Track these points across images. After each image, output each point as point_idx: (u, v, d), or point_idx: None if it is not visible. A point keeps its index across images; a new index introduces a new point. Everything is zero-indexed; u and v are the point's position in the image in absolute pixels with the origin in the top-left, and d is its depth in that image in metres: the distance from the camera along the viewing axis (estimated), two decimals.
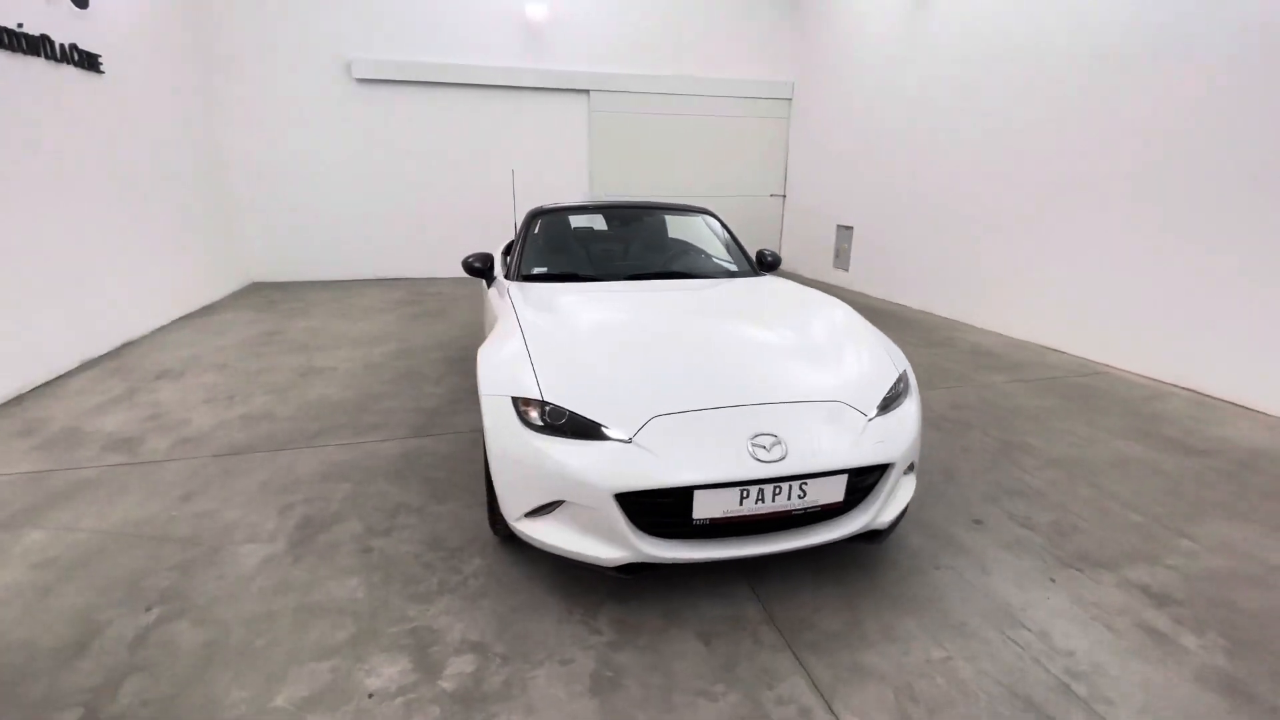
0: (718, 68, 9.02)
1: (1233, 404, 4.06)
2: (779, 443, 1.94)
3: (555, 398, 2.04)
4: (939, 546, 2.47)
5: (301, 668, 1.83)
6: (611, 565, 1.96)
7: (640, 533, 1.93)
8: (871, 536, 2.16)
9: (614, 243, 3.75)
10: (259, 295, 7.45)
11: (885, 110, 7.26)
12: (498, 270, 3.54)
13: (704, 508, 1.91)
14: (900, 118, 7.03)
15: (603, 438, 1.95)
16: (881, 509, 2.13)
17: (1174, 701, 1.74)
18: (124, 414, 3.74)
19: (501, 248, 4.62)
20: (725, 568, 2.29)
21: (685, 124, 9.11)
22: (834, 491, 2.01)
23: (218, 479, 2.96)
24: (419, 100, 8.22)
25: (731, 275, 3.44)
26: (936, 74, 6.47)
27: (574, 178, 8.96)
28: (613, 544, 1.94)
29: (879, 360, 2.41)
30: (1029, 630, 2.01)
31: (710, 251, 3.63)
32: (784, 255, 7.77)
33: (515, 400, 2.09)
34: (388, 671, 1.82)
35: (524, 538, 2.09)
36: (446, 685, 1.78)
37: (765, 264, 3.62)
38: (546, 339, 2.34)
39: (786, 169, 9.65)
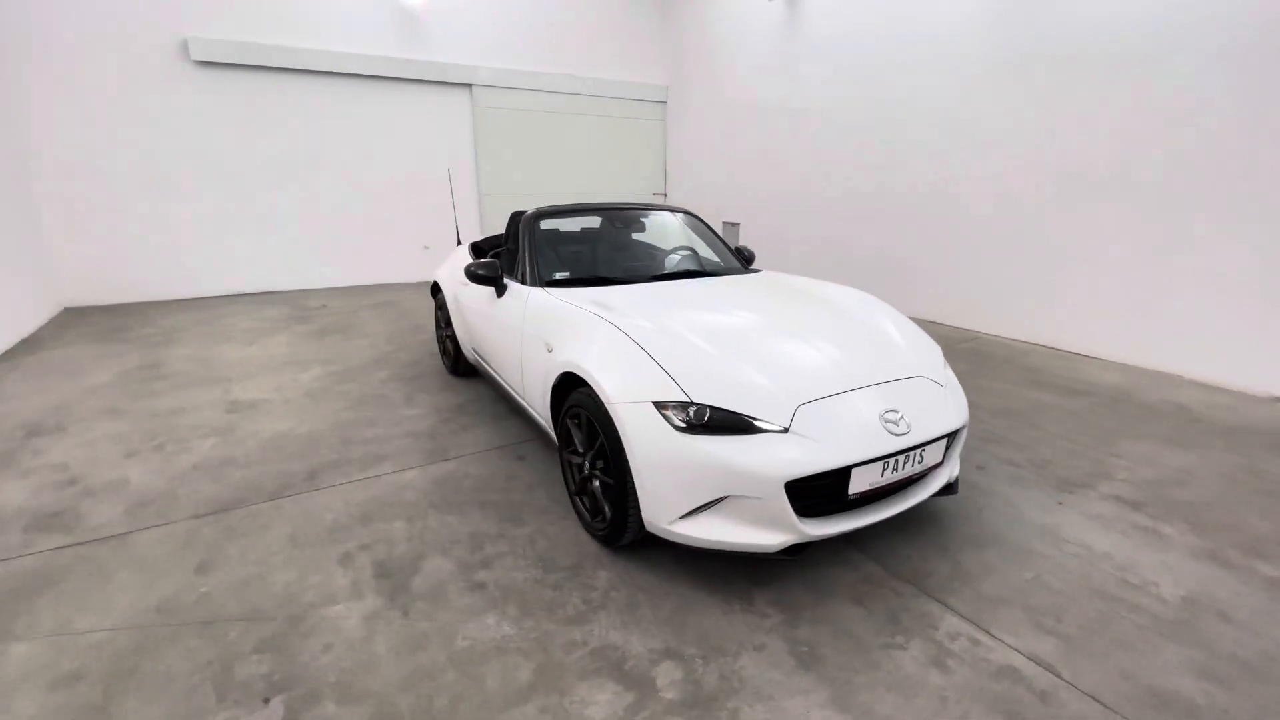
0: (598, 68, 9.15)
1: (1079, 354, 5.23)
2: (903, 417, 2.20)
3: (700, 397, 2.09)
4: (966, 491, 2.93)
5: (510, 717, 1.69)
6: (776, 549, 2.07)
7: (798, 515, 2.07)
8: (948, 489, 2.52)
9: (619, 245, 3.74)
10: (87, 324, 6.05)
11: (763, 113, 7.96)
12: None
13: (857, 484, 2.10)
14: (779, 120, 7.76)
15: (757, 430, 2.04)
16: (953, 465, 2.50)
17: (1189, 574, 2.31)
18: (20, 485, 2.91)
19: (454, 259, 4.36)
20: (830, 540, 2.50)
21: (570, 124, 9.11)
22: (936, 454, 2.32)
23: (226, 541, 2.48)
24: (276, 89, 7.23)
25: (734, 271, 3.63)
26: (810, 78, 7.26)
27: (460, 178, 8.51)
28: (775, 529, 2.05)
29: (920, 334, 2.78)
30: (1073, 543, 2.51)
31: (709, 249, 3.78)
32: None
33: (657, 404, 2.09)
34: (601, 698, 1.76)
35: (679, 539, 2.11)
36: (669, 695, 1.77)
37: (745, 259, 3.87)
38: (658, 340, 2.33)
39: (666, 170, 10.10)
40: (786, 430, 2.05)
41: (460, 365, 4.37)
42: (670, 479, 2.06)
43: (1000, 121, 5.51)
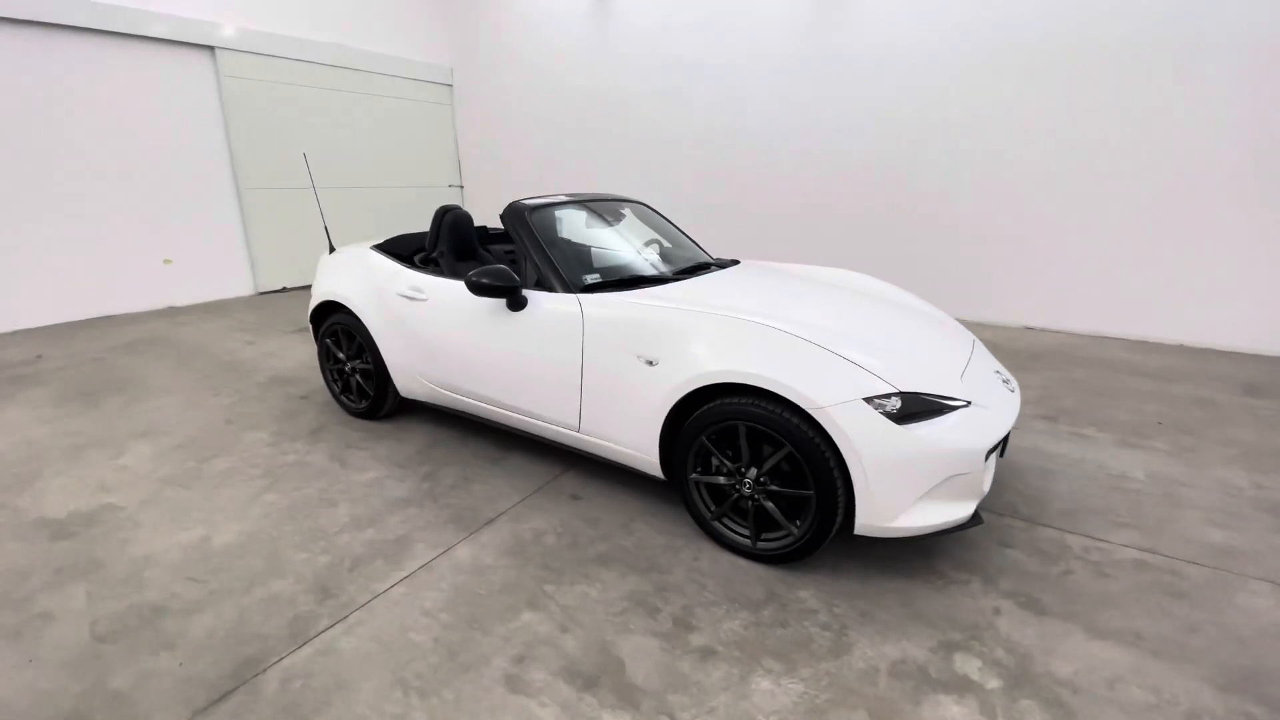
0: (376, 40, 7.83)
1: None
2: (1007, 378, 2.49)
3: (900, 385, 2.06)
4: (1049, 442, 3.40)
5: None
6: (968, 519, 2.16)
7: None
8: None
9: (624, 243, 3.30)
10: None
11: (575, 104, 7.83)
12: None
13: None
14: (594, 111, 7.73)
15: (951, 408, 2.10)
16: None
17: (1205, 479, 3.00)
18: None
19: (358, 270, 3.40)
20: None
21: (346, 104, 7.66)
22: None
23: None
24: None
25: (721, 265, 3.53)
26: (625, 69, 7.38)
27: (210, 168, 6.50)
28: (968, 499, 2.14)
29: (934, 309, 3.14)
30: (1139, 479, 3.02)
31: (687, 240, 3.60)
32: None
33: (867, 400, 2.00)
34: (955, 712, 1.65)
35: (894, 534, 2.05)
36: (993, 684, 1.75)
37: None
38: (819, 335, 2.19)
39: (459, 159, 9.22)
40: (970, 403, 2.15)
41: (388, 404, 3.44)
42: (898, 474, 2.00)
43: (814, 115, 6.38)
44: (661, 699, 1.70)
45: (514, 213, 2.89)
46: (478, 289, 2.64)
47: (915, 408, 2.04)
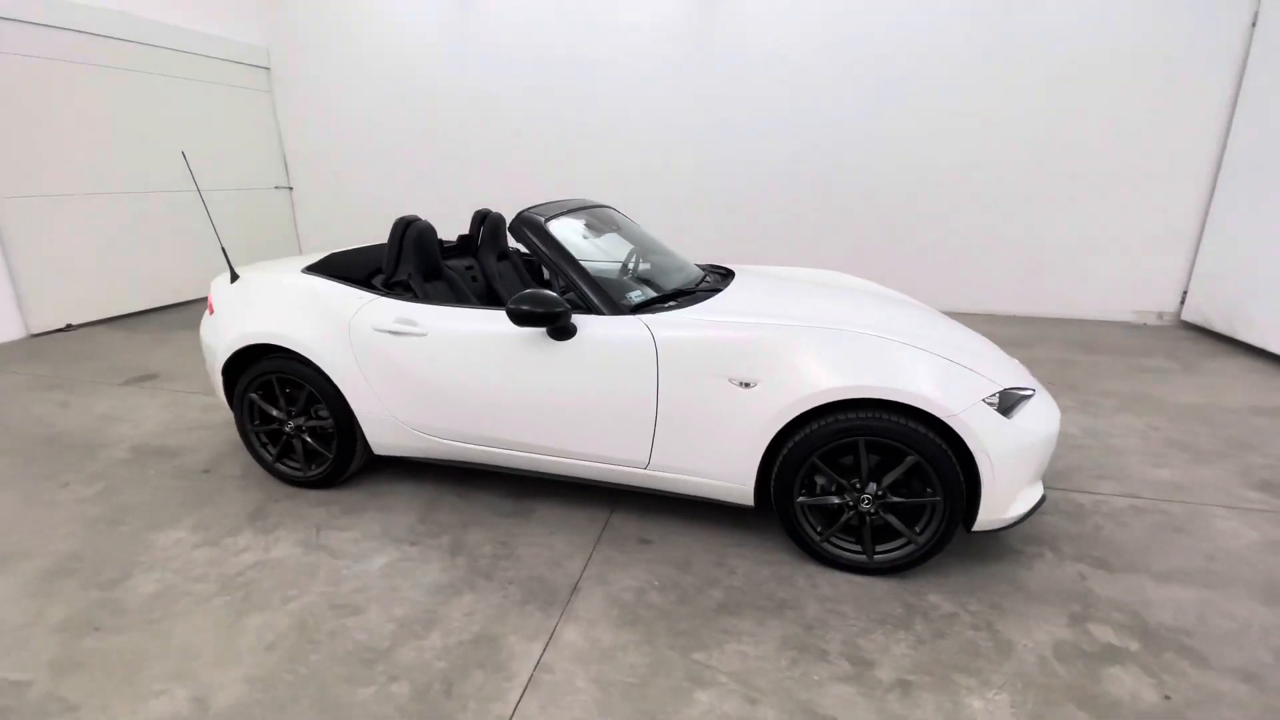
0: (167, 10, 6.21)
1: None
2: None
3: (1001, 383, 2.16)
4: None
5: None
6: (1043, 498, 2.35)
7: None
8: None
9: (649, 252, 2.95)
10: None
11: (444, 101, 7.06)
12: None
13: None
14: (462, 111, 7.04)
15: (1027, 397, 2.26)
16: None
17: (1119, 427, 3.68)
18: None
19: (303, 301, 2.70)
20: None
21: (135, 86, 5.99)
22: None
23: None
24: None
25: (717, 270, 3.39)
26: (492, 72, 6.83)
27: None
28: (1039, 480, 2.34)
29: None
30: (1078, 435, 3.45)
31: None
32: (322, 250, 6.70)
33: (985, 401, 2.07)
34: (1126, 678, 1.78)
35: (1009, 525, 2.16)
36: (1134, 645, 1.92)
37: None
38: (920, 339, 2.22)
39: (285, 156, 7.78)
40: (1034, 391, 2.34)
41: (354, 464, 2.77)
42: (1015, 467, 2.09)
43: (681, 119, 6.48)
44: None
45: (533, 225, 2.48)
46: (521, 318, 2.22)
47: (1009, 402, 2.16)
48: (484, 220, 3.54)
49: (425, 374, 2.50)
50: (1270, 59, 4.87)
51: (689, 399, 2.24)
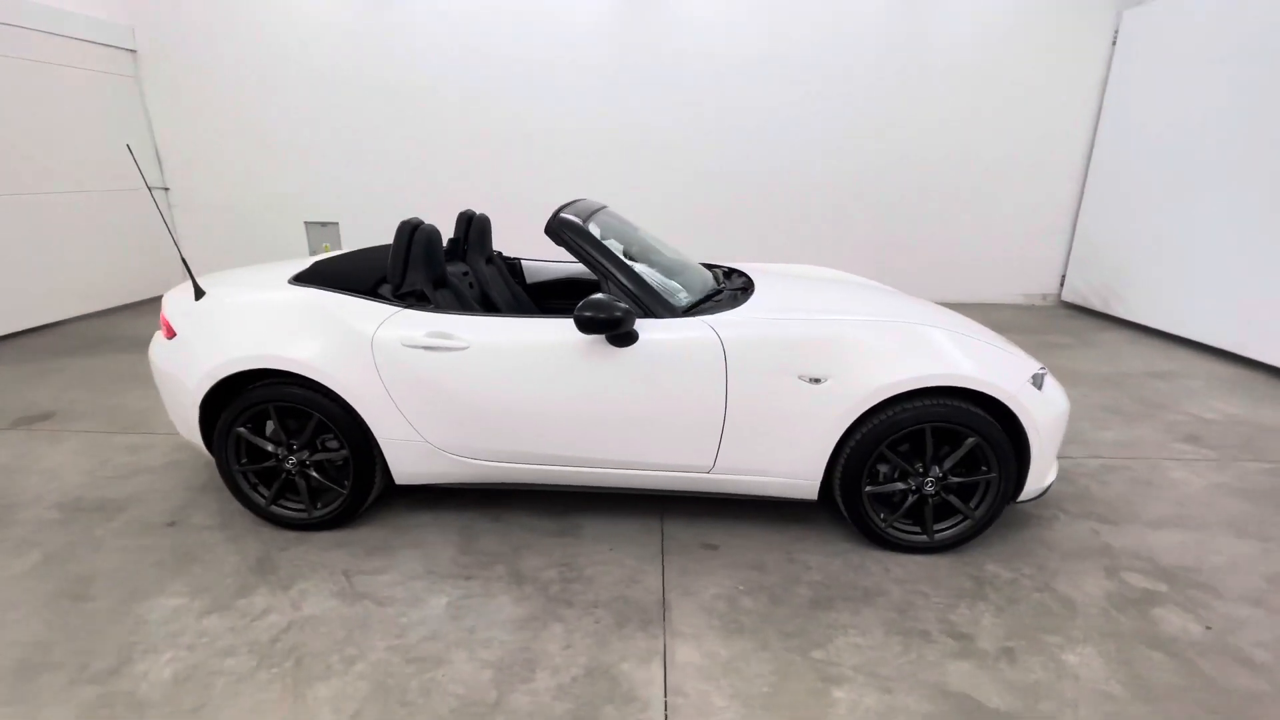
0: None
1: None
2: None
3: (1036, 364, 2.38)
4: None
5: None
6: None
7: None
8: None
9: (655, 253, 2.83)
10: None
11: (362, 96, 6.45)
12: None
13: None
14: (385, 108, 6.48)
15: (1044, 374, 2.48)
16: None
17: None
18: None
19: (301, 319, 2.38)
20: None
21: None
22: None
23: None
24: None
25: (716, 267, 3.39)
26: (420, 67, 6.37)
27: None
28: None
29: None
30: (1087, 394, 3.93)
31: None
32: (208, 261, 6.02)
33: (1030, 380, 2.27)
34: (1171, 624, 2.03)
35: (1044, 492, 2.38)
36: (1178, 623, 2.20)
37: None
38: (957, 330, 2.38)
39: (158, 152, 6.72)
40: (1045, 368, 2.58)
41: (371, 497, 2.47)
42: (1053, 439, 2.31)
43: (622, 120, 6.47)
44: (1034, 710, 1.69)
45: (573, 228, 2.34)
46: (586, 324, 2.09)
47: (1039, 379, 2.38)
48: (470, 222, 3.30)
49: (467, 390, 2.28)
50: (1127, 72, 5.75)
51: (758, 398, 2.24)
